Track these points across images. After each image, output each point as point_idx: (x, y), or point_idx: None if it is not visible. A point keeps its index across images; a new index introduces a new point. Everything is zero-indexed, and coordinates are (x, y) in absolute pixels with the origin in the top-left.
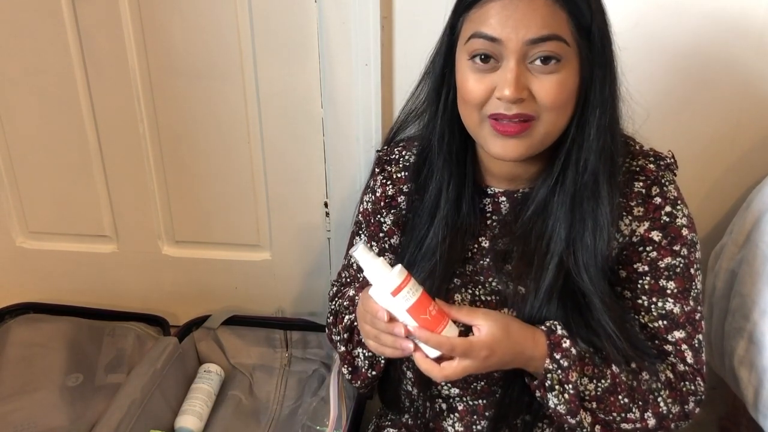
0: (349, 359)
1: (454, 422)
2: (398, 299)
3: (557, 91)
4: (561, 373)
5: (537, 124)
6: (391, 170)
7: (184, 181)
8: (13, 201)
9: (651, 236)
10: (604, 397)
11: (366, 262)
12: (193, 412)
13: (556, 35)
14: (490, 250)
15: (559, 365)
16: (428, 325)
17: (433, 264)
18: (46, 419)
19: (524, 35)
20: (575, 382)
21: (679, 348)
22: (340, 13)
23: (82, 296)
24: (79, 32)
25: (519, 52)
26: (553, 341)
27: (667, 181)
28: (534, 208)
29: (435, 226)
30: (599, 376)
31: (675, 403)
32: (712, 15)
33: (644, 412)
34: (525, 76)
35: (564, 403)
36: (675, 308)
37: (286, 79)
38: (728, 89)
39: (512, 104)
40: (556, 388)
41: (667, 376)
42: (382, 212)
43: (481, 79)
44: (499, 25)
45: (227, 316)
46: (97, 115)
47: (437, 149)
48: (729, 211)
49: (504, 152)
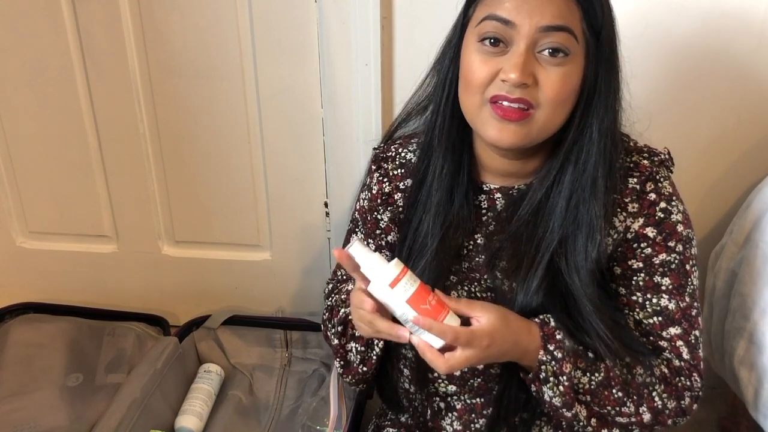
0: (341, 353)
1: (453, 421)
2: (397, 290)
3: (561, 84)
4: (555, 365)
5: (535, 114)
6: (388, 167)
7: (184, 181)
8: (13, 201)
9: (645, 233)
10: (598, 391)
11: (362, 257)
12: (193, 412)
13: (568, 27)
14: (485, 246)
15: (552, 356)
16: (429, 314)
17: (428, 258)
18: (46, 419)
19: (538, 21)
20: (569, 373)
21: (674, 344)
22: (340, 13)
23: (82, 296)
24: (79, 32)
25: (530, 37)
26: (546, 333)
27: (662, 177)
28: (529, 206)
29: (428, 213)
30: (593, 369)
31: (670, 398)
32: (711, 15)
33: (639, 406)
34: (532, 63)
35: (559, 396)
36: (670, 304)
37: (286, 79)
38: (728, 89)
39: (516, 88)
40: (550, 380)
41: (662, 371)
42: (378, 209)
43: (487, 61)
44: (514, 9)
45: (227, 316)
46: (97, 115)
47: (436, 138)
48: (729, 211)
49: (500, 136)
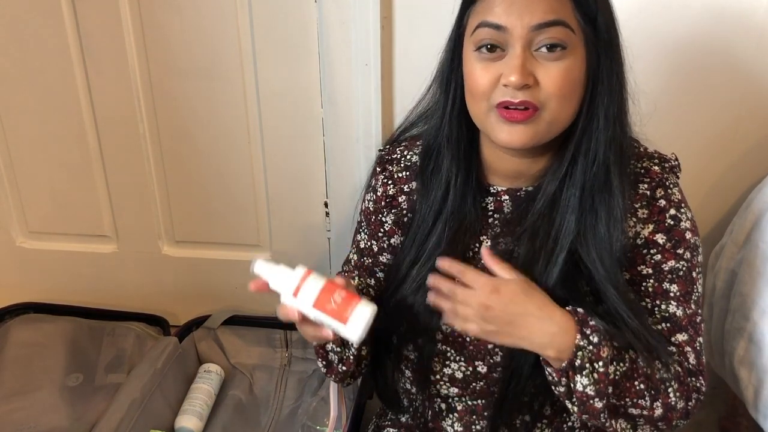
0: (321, 353)
1: (453, 422)
2: (300, 298)
3: (563, 78)
4: (593, 350)
5: (542, 112)
6: (393, 170)
7: (184, 181)
8: (13, 201)
9: (655, 239)
10: (621, 382)
11: (267, 273)
12: (193, 412)
13: (562, 21)
14: (492, 249)
15: (589, 341)
16: (335, 314)
17: (434, 261)
18: (46, 419)
19: (529, 21)
20: (606, 358)
21: (682, 350)
22: (340, 13)
23: (82, 296)
24: (79, 32)
25: (524, 38)
26: (581, 318)
27: (672, 184)
28: (543, 203)
29: (441, 222)
30: (618, 358)
31: (682, 397)
32: (711, 14)
33: (655, 400)
34: (530, 63)
35: (593, 384)
36: (678, 311)
37: (286, 79)
38: (728, 89)
39: (518, 91)
40: (586, 367)
41: (676, 369)
42: (383, 211)
43: (488, 68)
44: (504, 13)
45: (227, 316)
46: (97, 115)
47: (445, 146)
48: (729, 211)
49: (510, 138)
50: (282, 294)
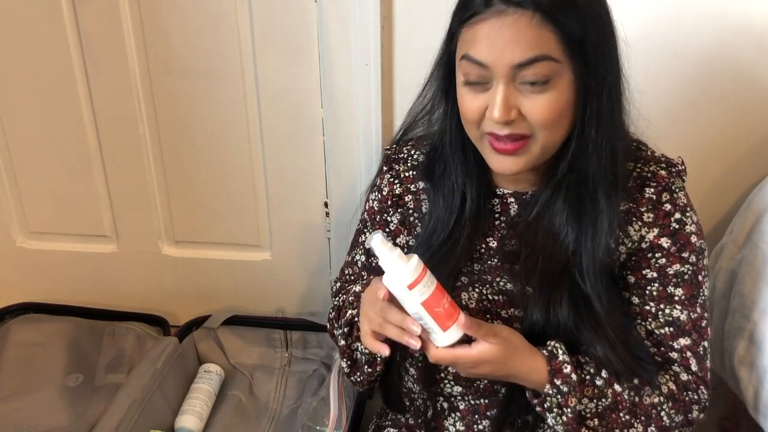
0: (348, 353)
1: (456, 421)
2: (414, 293)
3: (548, 110)
4: (560, 398)
5: (532, 141)
6: (399, 169)
7: (184, 181)
8: (13, 201)
9: (660, 243)
10: (605, 414)
11: (382, 253)
12: (193, 412)
13: (545, 56)
14: (498, 250)
15: (558, 390)
16: (440, 317)
17: (439, 260)
18: (46, 419)
19: (510, 60)
20: (573, 406)
21: (684, 355)
22: (340, 13)
23: (82, 296)
24: (79, 32)
25: (507, 76)
26: (554, 367)
27: (678, 188)
28: (539, 210)
29: (440, 216)
30: (600, 395)
31: (678, 413)
32: (711, 16)
33: (647, 426)
34: (514, 97)
35: (562, 425)
36: (682, 315)
37: (286, 79)
38: (728, 89)
39: (504, 125)
40: (554, 410)
41: (669, 388)
42: (388, 211)
43: (476, 97)
44: (486, 50)
45: (227, 316)
46: (97, 115)
47: (451, 151)
48: (729, 211)
49: (503, 168)
50: (393, 279)
